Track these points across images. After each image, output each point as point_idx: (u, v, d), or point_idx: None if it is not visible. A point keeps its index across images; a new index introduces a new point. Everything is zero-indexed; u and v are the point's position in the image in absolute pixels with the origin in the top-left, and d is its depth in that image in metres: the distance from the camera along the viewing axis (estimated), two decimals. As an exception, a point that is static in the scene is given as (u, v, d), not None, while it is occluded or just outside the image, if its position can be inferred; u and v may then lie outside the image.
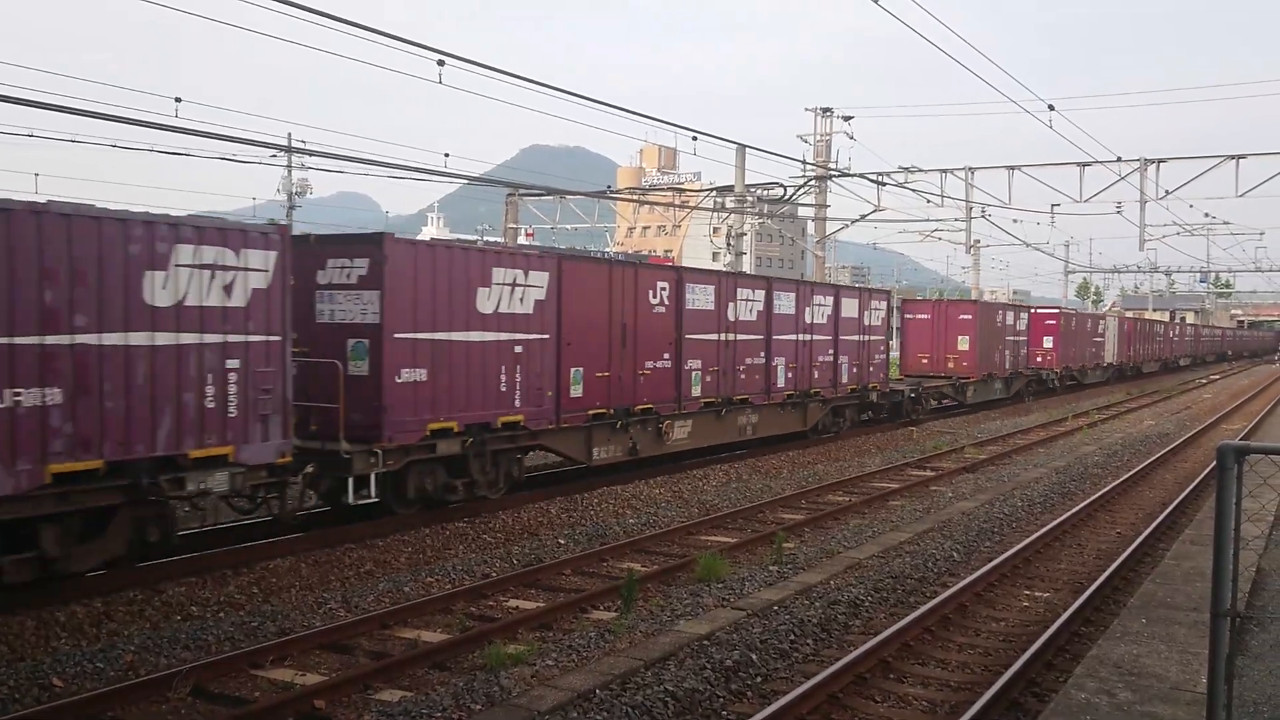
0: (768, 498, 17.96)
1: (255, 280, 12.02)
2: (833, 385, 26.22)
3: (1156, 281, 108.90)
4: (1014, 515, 16.81)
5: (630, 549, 14.09)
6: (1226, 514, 4.74)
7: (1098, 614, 11.22)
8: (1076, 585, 12.59)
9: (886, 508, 17.51)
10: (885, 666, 9.49)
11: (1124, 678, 7.46)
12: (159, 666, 9.15)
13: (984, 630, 10.87)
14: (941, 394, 35.21)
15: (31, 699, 8.39)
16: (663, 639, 9.77)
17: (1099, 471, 22.09)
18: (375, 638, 10.24)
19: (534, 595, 11.92)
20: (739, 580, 12.09)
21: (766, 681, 9.08)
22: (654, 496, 17.87)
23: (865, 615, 11.18)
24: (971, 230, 43.92)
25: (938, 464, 22.87)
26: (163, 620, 10.48)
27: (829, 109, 38.38)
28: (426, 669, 9.32)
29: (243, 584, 11.74)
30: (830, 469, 21.86)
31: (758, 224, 42.46)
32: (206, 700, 8.58)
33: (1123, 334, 58.05)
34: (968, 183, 38.35)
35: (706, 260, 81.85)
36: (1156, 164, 35.75)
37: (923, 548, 14.16)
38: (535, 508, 16.38)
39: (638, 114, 32.68)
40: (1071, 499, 18.69)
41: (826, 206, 39.28)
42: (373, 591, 11.65)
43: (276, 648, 9.60)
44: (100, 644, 9.68)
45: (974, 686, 9.02)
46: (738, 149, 34.76)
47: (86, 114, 17.14)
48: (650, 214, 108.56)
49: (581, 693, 8.31)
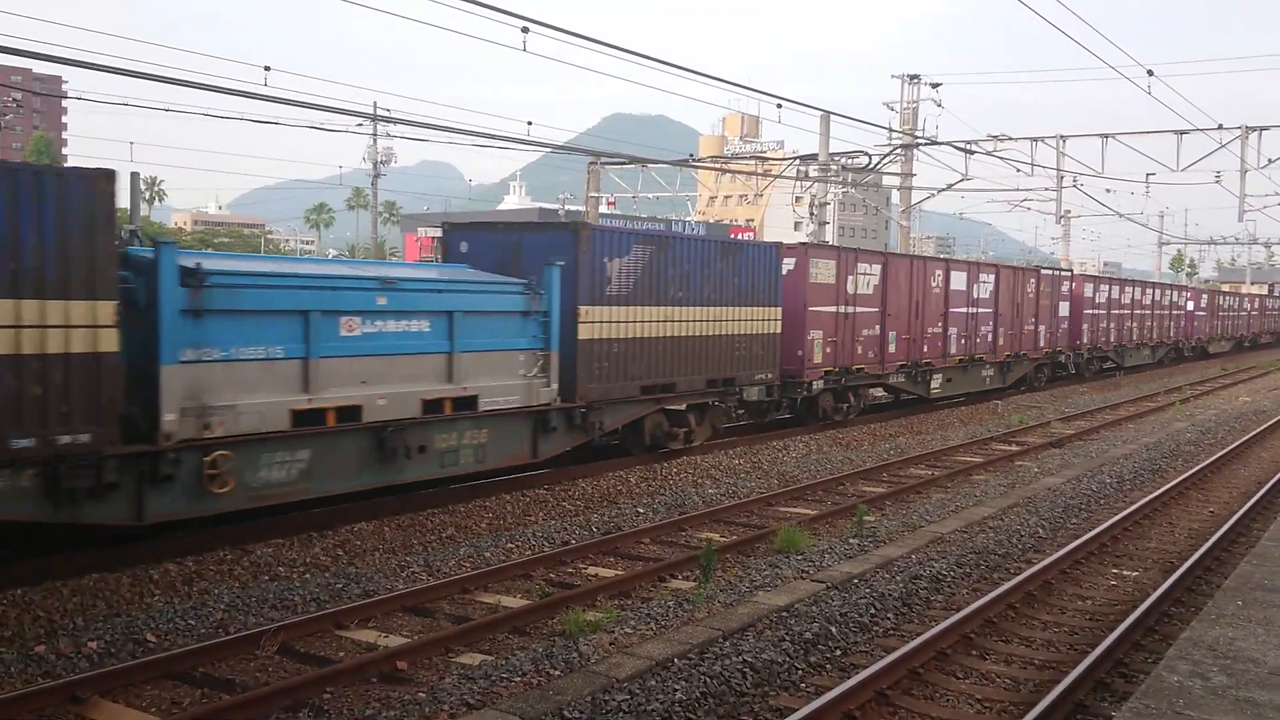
0: (848, 470, 17.80)
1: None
2: (1035, 348, 33.06)
3: (1255, 254, 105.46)
4: (1102, 492, 16.44)
5: (709, 519, 14.07)
6: (1335, 495, 4.54)
7: (1189, 595, 10.93)
8: (1167, 565, 12.28)
9: (970, 482, 17.25)
10: (968, 643, 9.36)
11: (1218, 661, 7.24)
12: (247, 625, 9.37)
13: (1070, 608, 10.66)
14: (1105, 357, 40.90)
15: (127, 653, 8.64)
16: (741, 610, 9.75)
17: (1191, 448, 21.50)
18: (456, 601, 10.36)
19: (613, 563, 11.96)
20: (818, 552, 12.00)
21: (846, 655, 9.01)
22: (733, 467, 17.81)
23: (947, 590, 11.03)
24: (1062, 200, 42.83)
25: (1023, 439, 22.45)
26: (251, 580, 10.73)
27: (916, 76, 37.69)
28: (506, 634, 9.41)
29: (328, 546, 11.96)
30: (912, 442, 21.59)
31: (841, 193, 41.91)
32: (293, 658, 8.77)
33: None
34: (1059, 151, 37.40)
35: (789, 229, 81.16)
36: (1259, 131, 34.48)
37: (1007, 523, 13.92)
38: (615, 476, 16.43)
39: (721, 80, 32.42)
40: (1162, 476, 18.22)
41: (912, 175, 38.64)
42: (454, 556, 11.79)
43: (360, 609, 9.76)
44: (192, 601, 9.94)
45: (1059, 665, 8.85)
46: (822, 116, 34.30)
47: (181, 83, 17.51)
48: (732, 183, 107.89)
49: (660, 661, 8.33)
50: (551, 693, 7.67)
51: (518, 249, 16.06)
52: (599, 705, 7.51)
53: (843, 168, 37.68)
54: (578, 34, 18.21)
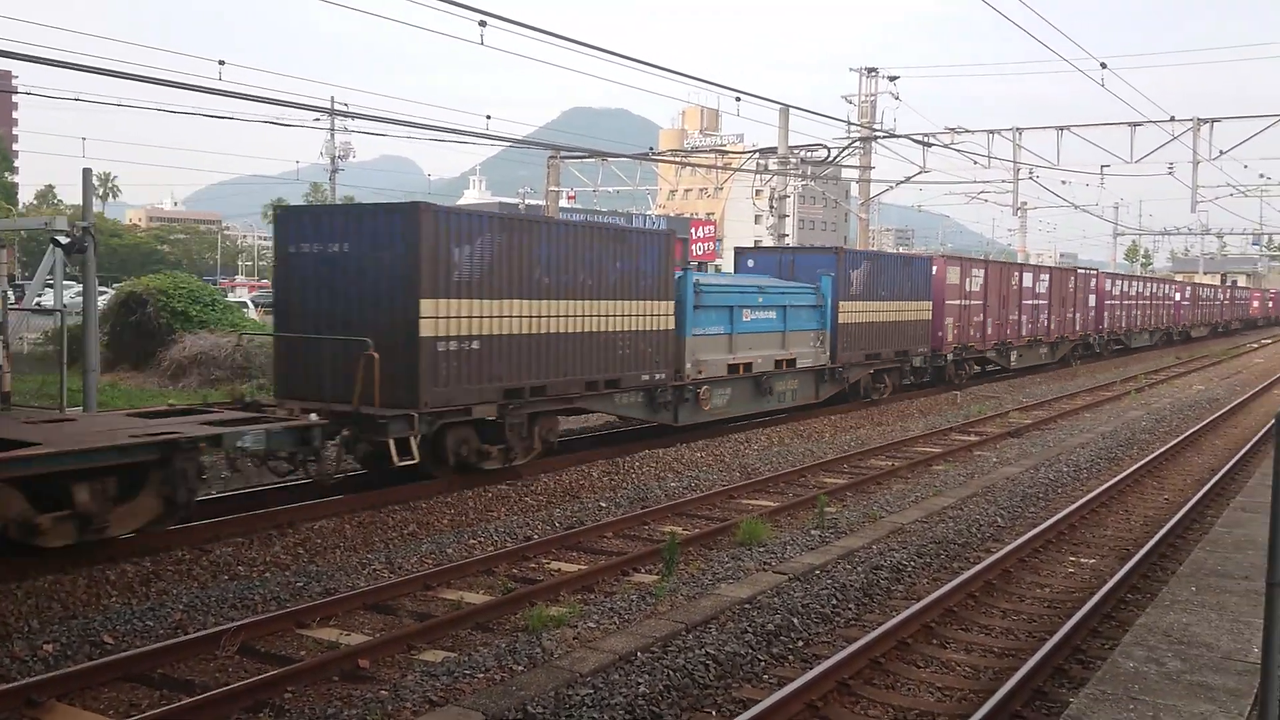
0: (809, 462, 17.89)
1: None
2: (1073, 332, 40.80)
3: (1208, 244, 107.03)
4: (1059, 481, 16.64)
5: (672, 512, 14.09)
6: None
7: (1145, 581, 11.09)
8: (1123, 552, 12.45)
9: (930, 472, 17.39)
10: (928, 632, 9.44)
11: (1173, 646, 7.36)
12: (207, 625, 9.28)
13: (1029, 596, 10.78)
14: (1119, 340, 48.33)
15: (83, 655, 8.53)
16: (704, 602, 9.78)
17: (1147, 437, 21.80)
18: (418, 598, 10.32)
19: (576, 558, 11.96)
20: (780, 544, 12.06)
21: (808, 646, 9.06)
22: (695, 460, 17.85)
23: (908, 580, 11.12)
24: (1019, 192, 43.29)
25: (982, 429, 22.68)
26: (210, 580, 10.63)
27: (874, 69, 37.89)
28: (469, 630, 9.38)
29: (288, 544, 11.87)
30: (873, 433, 21.73)
31: (801, 186, 42.07)
32: (254, 658, 8.69)
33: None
34: (1015, 143, 37.78)
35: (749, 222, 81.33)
36: (1210, 124, 35.01)
37: (966, 513, 14.06)
38: (577, 470, 16.42)
39: (681, 74, 32.42)
40: (1119, 464, 18.47)
41: (871, 168, 38.85)
42: (416, 553, 11.74)
43: (322, 607, 9.70)
44: (150, 602, 9.83)
45: (1018, 653, 8.95)
46: (781, 110, 34.42)
47: (133, 77, 17.27)
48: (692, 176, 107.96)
49: (623, 655, 8.34)
50: (515, 688, 7.65)
51: (792, 264, 24.89)
52: (562, 700, 7.51)
53: (802, 161, 37.84)
54: (536, 27, 18.14)
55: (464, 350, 14.41)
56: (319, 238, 14.67)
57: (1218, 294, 76.52)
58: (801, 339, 22.63)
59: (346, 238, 14.40)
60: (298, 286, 14.81)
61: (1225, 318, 75.87)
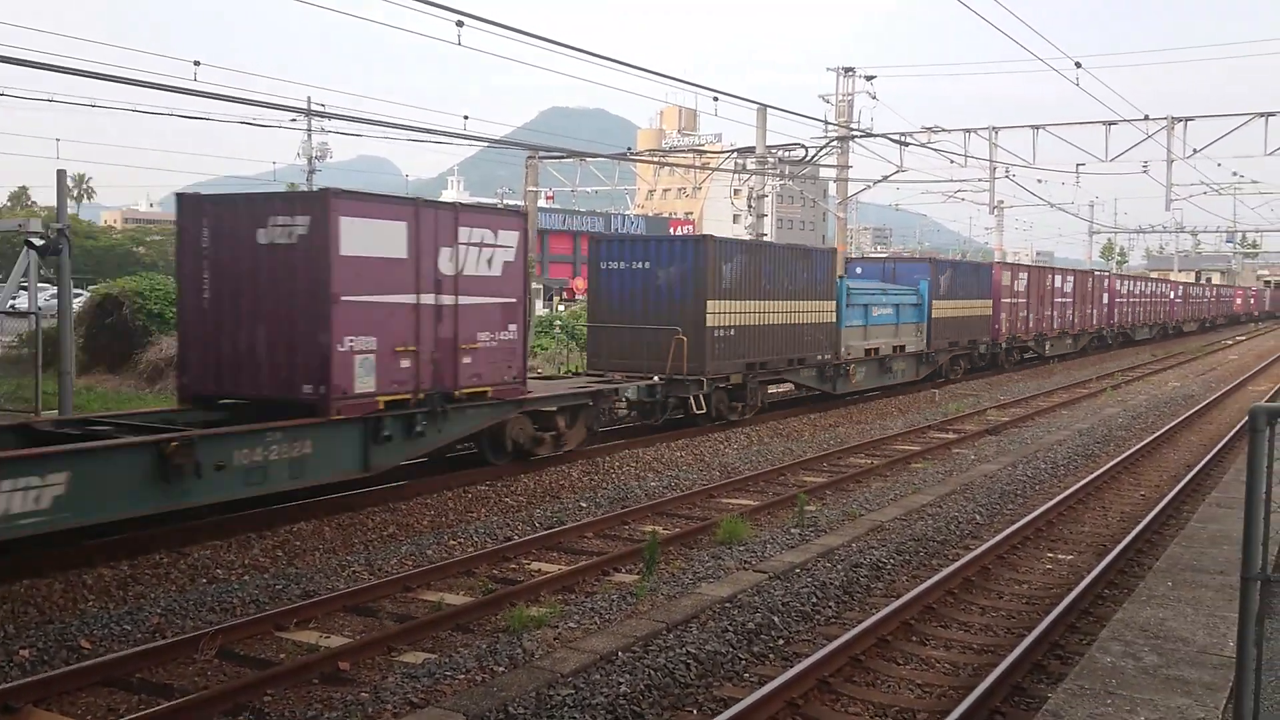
0: (789, 460, 17.93)
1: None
2: (1091, 326, 46.69)
3: (1182, 242, 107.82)
4: (1037, 478, 16.74)
5: (652, 512, 14.10)
6: (1258, 477, 4.66)
7: (1122, 577, 11.17)
8: (1100, 548, 12.53)
9: (909, 470, 17.46)
10: (908, 629, 9.48)
11: (1150, 641, 7.41)
12: (185, 629, 9.23)
13: (1007, 593, 10.84)
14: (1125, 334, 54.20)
15: (61, 660, 8.47)
16: (685, 601, 9.79)
17: (1123, 433, 21.95)
18: (399, 600, 10.29)
19: (556, 558, 11.95)
20: (761, 543, 12.09)
21: (789, 644, 9.09)
22: (675, 459, 17.87)
23: (887, 578, 11.16)
24: (995, 191, 43.45)
25: (960, 426, 22.78)
26: (188, 583, 10.56)
27: (851, 69, 37.97)
28: (449, 631, 9.36)
29: (267, 547, 11.82)
30: (851, 431, 21.80)
31: (779, 186, 42.14)
32: (233, 661, 8.65)
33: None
34: (991, 142, 37.95)
35: (727, 222, 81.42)
36: (1184, 122, 35.25)
37: (945, 510, 14.12)
38: (557, 470, 16.41)
39: (659, 74, 32.46)
40: (1095, 461, 18.59)
41: (849, 168, 38.95)
42: (395, 554, 11.71)
43: (301, 610, 9.66)
44: (127, 606, 9.76)
45: (997, 649, 9.00)
46: (759, 110, 34.46)
47: (107, 78, 17.14)
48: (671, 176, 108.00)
49: (604, 655, 8.34)
50: (496, 689, 7.65)
51: (894, 271, 31.73)
52: (543, 700, 7.51)
53: (780, 160, 37.90)
54: (513, 28, 18.11)
55: (726, 335, 20.69)
56: (625, 258, 20.84)
57: (1205, 292, 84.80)
58: (908, 330, 28.95)
59: (647, 258, 20.57)
60: (609, 292, 20.95)
61: (1211, 313, 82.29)
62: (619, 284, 20.68)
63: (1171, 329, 65.12)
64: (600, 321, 21.01)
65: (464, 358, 14.28)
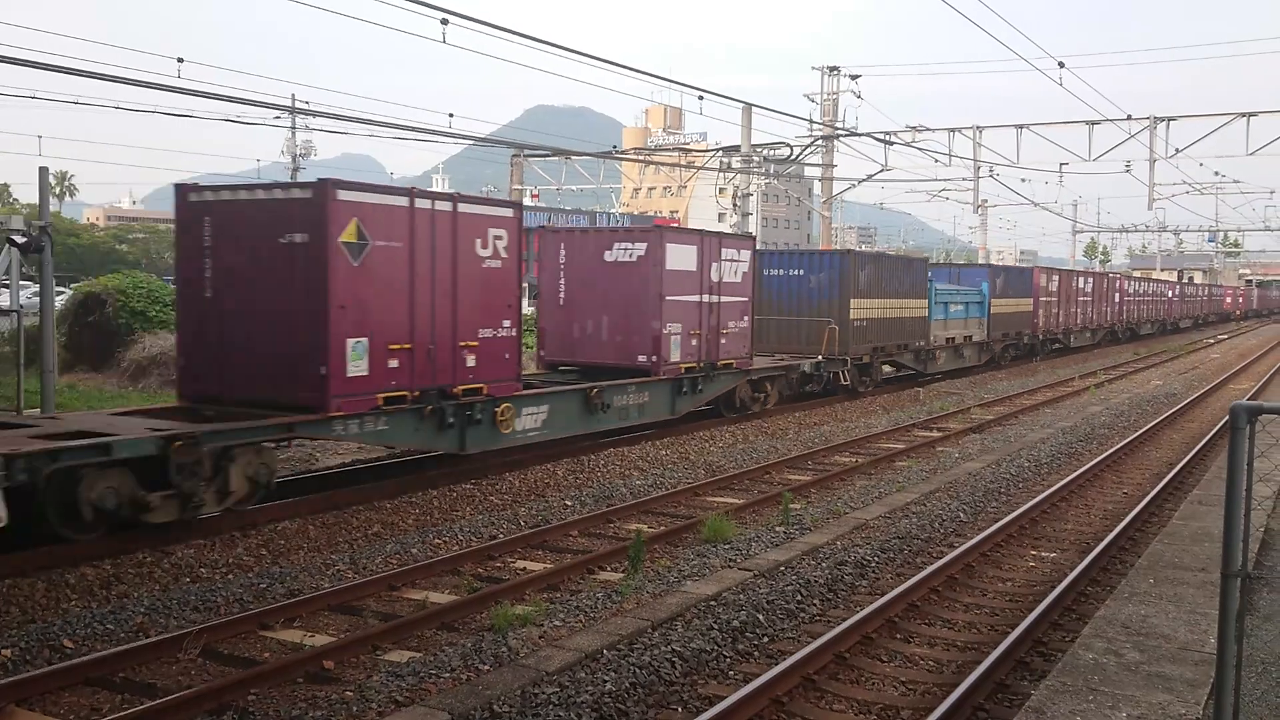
0: (774, 459, 17.96)
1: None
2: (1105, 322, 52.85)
3: (1165, 241, 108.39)
4: (1021, 476, 16.81)
5: (637, 510, 14.11)
6: (1238, 474, 4.70)
7: (1105, 574, 11.23)
8: (1084, 545, 12.60)
9: (893, 468, 17.52)
10: (892, 626, 9.52)
11: (1132, 638, 7.46)
12: (169, 628, 9.19)
13: (991, 590, 10.89)
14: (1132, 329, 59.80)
15: (43, 660, 8.43)
16: (670, 600, 9.80)
17: (1106, 432, 22.07)
18: (383, 599, 10.27)
19: (541, 556, 11.95)
20: (745, 541, 12.11)
21: (773, 642, 9.11)
22: (660, 458, 17.88)
23: (872, 576, 11.20)
24: (979, 190, 43.71)
25: (944, 425, 22.86)
26: (172, 582, 10.53)
27: (836, 68, 38.09)
28: (434, 630, 9.36)
29: (251, 546, 11.78)
30: (836, 429, 21.86)
31: (764, 184, 42.19)
32: (217, 661, 8.63)
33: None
34: (975, 142, 38.10)
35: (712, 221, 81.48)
36: (1166, 122, 35.48)
37: (929, 508, 14.17)
38: (542, 469, 16.41)
39: (644, 73, 32.44)
40: (1078, 459, 18.68)
41: (833, 166, 39.04)
42: (380, 553, 11.68)
43: (285, 609, 9.63)
44: (110, 606, 9.72)
45: (981, 646, 9.04)
46: (744, 109, 34.51)
47: (89, 74, 17.05)
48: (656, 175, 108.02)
49: (589, 653, 8.34)
50: (481, 688, 7.64)
51: (958, 275, 37.20)
52: (529, 699, 7.51)
53: (765, 159, 37.96)
54: (498, 26, 18.10)
55: (861, 325, 26.65)
56: (784, 266, 26.83)
57: (1199, 291, 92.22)
58: (974, 323, 34.69)
59: (802, 266, 26.54)
60: (769, 293, 26.09)
61: (1204, 310, 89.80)
62: (778, 286, 26.35)
63: (1170, 325, 71.29)
64: (763, 315, 25.30)
65: (722, 339, 20.40)
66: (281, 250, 12.76)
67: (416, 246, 13.65)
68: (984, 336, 35.53)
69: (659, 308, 18.48)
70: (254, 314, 13.04)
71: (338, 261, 12.62)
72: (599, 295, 18.96)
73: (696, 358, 19.61)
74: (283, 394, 12.84)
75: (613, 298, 18.85)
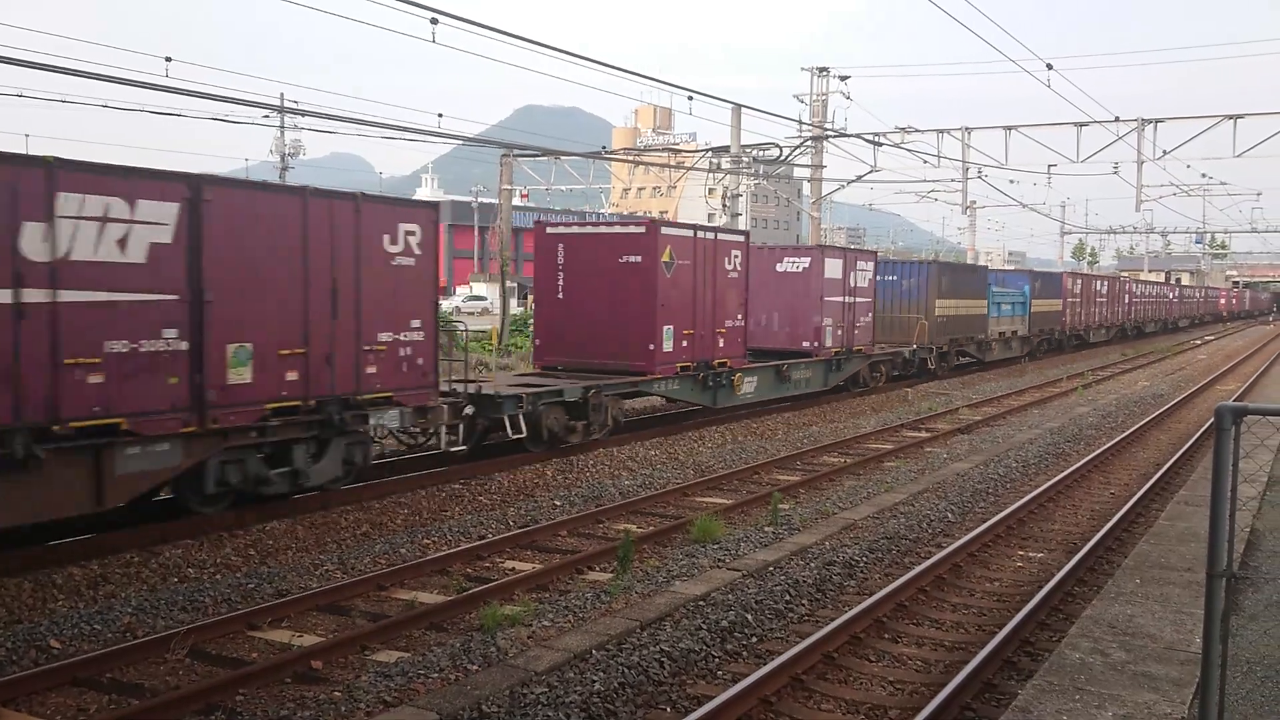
0: (763, 459, 17.99)
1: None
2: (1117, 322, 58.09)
3: (1152, 242, 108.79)
4: (1008, 476, 16.86)
5: (626, 510, 14.12)
6: (1224, 475, 4.72)
7: (1092, 574, 11.27)
8: (1071, 545, 12.65)
9: (881, 469, 17.55)
10: (880, 626, 9.54)
11: (1118, 637, 7.50)
12: (156, 628, 9.17)
13: (978, 590, 10.93)
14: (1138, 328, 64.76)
15: (30, 660, 8.41)
16: (659, 599, 9.81)
17: (1093, 433, 22.14)
18: (372, 599, 10.27)
19: (530, 556, 11.95)
20: (734, 541, 12.12)
21: (762, 642, 9.12)
22: (650, 458, 17.89)
23: (860, 576, 11.22)
24: (968, 191, 43.82)
25: (932, 425, 22.91)
26: (160, 582, 10.50)
27: (825, 69, 38.12)
28: (423, 630, 9.35)
29: (239, 546, 11.76)
30: (825, 430, 21.89)
31: (753, 185, 42.24)
32: (204, 661, 8.61)
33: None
34: (964, 143, 38.19)
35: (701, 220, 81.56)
36: (1154, 124, 35.61)
37: (917, 508, 14.21)
38: (531, 469, 16.41)
39: (633, 73, 32.46)
40: (1066, 460, 18.74)
41: (823, 167, 39.09)
42: (369, 553, 11.67)
43: (273, 609, 9.62)
44: (97, 606, 9.69)
45: (968, 646, 9.07)
46: (733, 109, 34.54)
47: (76, 73, 16.99)
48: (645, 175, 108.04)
49: (578, 653, 8.35)
50: (469, 688, 7.64)
51: (1004, 279, 41.79)
52: (517, 699, 7.51)
53: (754, 159, 38.00)
54: (487, 26, 18.08)
55: (942, 321, 32.85)
56: (887, 273, 32.09)
57: (1196, 293, 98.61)
58: (1018, 320, 40.92)
59: (897, 273, 32.77)
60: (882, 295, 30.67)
61: (1200, 311, 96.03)
62: (879, 289, 30.25)
63: (1170, 324, 77.34)
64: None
65: (855, 330, 26.87)
66: (621, 267, 19.28)
67: (696, 264, 20.25)
68: (1026, 332, 41.87)
69: (820, 306, 25.27)
70: (598, 309, 19.43)
71: (660, 275, 19.19)
72: (773, 297, 25.17)
73: (840, 344, 26.29)
74: (620, 363, 19.31)
75: (783, 298, 25.34)
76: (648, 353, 19.04)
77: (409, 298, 13.96)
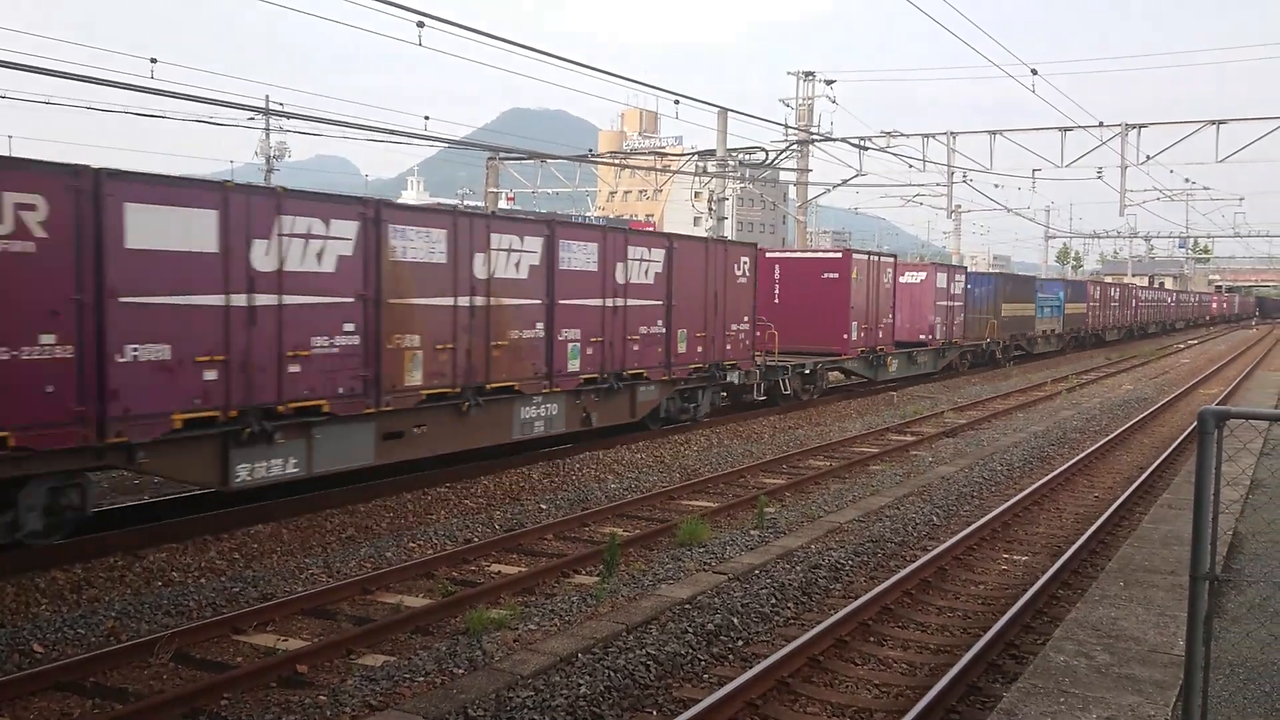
0: (749, 462, 18.01)
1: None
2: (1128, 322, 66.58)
3: (1136, 247, 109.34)
4: (993, 479, 16.92)
5: (612, 513, 14.11)
6: (1206, 478, 4.76)
7: (1076, 577, 11.32)
8: (1055, 549, 12.69)
9: (867, 472, 17.59)
10: (866, 630, 9.56)
11: (1102, 640, 7.53)
12: (140, 632, 9.13)
13: (963, 594, 10.96)
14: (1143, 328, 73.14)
15: (12, 665, 8.36)
16: (644, 603, 9.81)
17: (1077, 436, 22.23)
18: (357, 603, 10.24)
19: (516, 560, 11.94)
20: (720, 544, 12.13)
21: (748, 645, 9.13)
22: (635, 461, 17.90)
23: (846, 579, 11.25)
24: (953, 195, 43.94)
25: (918, 429, 22.98)
26: (144, 586, 10.45)
27: (811, 73, 38.23)
28: (409, 633, 9.33)
29: (224, 550, 11.72)
30: (811, 433, 21.93)
31: (739, 188, 42.32)
32: (189, 665, 8.57)
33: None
34: (949, 147, 38.32)
35: (688, 224, 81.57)
36: (1138, 129, 35.80)
37: (903, 512, 14.24)
38: (517, 472, 16.39)
39: (619, 76, 32.51)
40: (1050, 463, 18.81)
41: (808, 171, 39.19)
42: (354, 557, 11.64)
43: (258, 613, 9.59)
44: (81, 610, 9.65)
45: (953, 649, 9.10)
46: (719, 113, 34.60)
47: (59, 75, 16.90)
48: (632, 178, 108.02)
49: (563, 657, 8.35)
50: (455, 692, 7.63)
51: (1042, 285, 48.46)
52: (503, 703, 7.51)
53: (740, 163, 38.06)
54: (474, 28, 18.08)
55: (1005, 320, 40.28)
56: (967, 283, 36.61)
57: (1190, 298, 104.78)
58: (1055, 321, 48.32)
59: (974, 283, 37.38)
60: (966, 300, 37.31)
61: (1195, 314, 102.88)
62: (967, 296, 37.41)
63: (1168, 325, 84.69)
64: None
65: (953, 326, 34.19)
66: (823, 282, 27.44)
67: (867, 279, 28.33)
68: (1061, 330, 49.90)
69: (933, 308, 33.32)
70: (805, 310, 26.93)
71: (851, 287, 27.30)
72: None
73: (945, 338, 34.24)
74: (825, 347, 27.07)
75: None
76: (843, 340, 27.47)
77: (743, 303, 21.99)
